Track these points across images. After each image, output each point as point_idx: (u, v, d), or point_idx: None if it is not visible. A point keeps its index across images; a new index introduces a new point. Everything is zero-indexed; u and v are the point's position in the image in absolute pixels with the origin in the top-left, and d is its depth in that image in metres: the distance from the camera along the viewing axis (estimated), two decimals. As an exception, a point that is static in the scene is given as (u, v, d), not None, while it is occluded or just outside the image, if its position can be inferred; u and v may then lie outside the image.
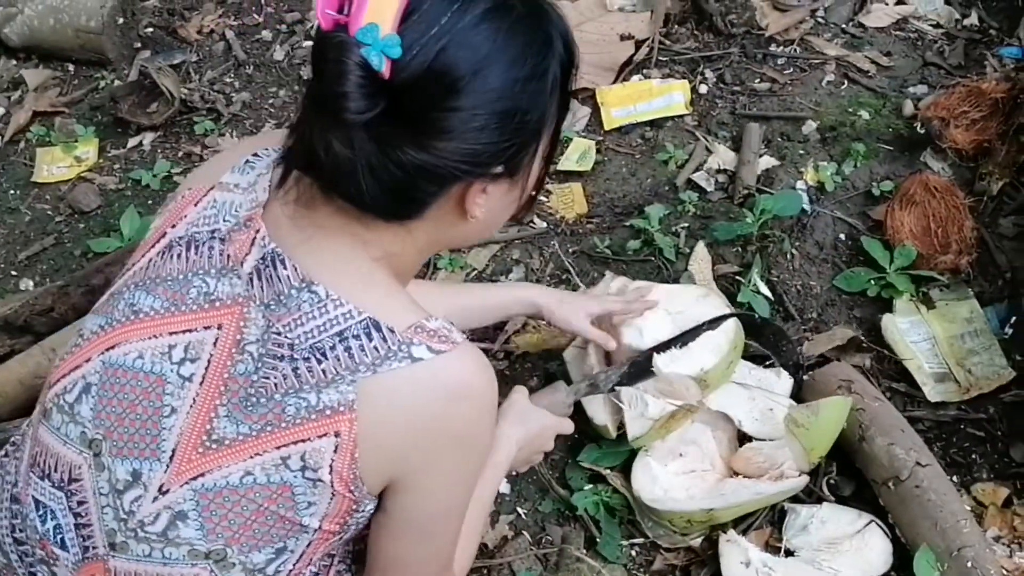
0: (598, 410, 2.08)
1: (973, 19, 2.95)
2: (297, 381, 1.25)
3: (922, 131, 2.54)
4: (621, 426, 2.04)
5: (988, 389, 2.18)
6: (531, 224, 2.58)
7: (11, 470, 1.47)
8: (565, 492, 2.07)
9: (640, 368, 2.03)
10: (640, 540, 2.02)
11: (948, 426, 2.16)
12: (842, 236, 2.45)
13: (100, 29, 3.16)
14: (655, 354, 2.03)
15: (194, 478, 1.27)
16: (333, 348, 1.25)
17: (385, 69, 1.14)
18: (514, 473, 2.08)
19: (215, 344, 1.29)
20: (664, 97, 2.81)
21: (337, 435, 1.24)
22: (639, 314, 2.10)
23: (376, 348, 1.25)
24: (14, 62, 3.32)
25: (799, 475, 1.99)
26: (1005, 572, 1.86)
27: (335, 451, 1.25)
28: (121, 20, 3.25)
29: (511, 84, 1.22)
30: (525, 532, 2.04)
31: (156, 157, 2.95)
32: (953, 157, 2.51)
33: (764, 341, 2.17)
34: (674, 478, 2.04)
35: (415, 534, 1.37)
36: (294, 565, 1.34)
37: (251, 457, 1.26)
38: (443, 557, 1.43)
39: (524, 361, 2.32)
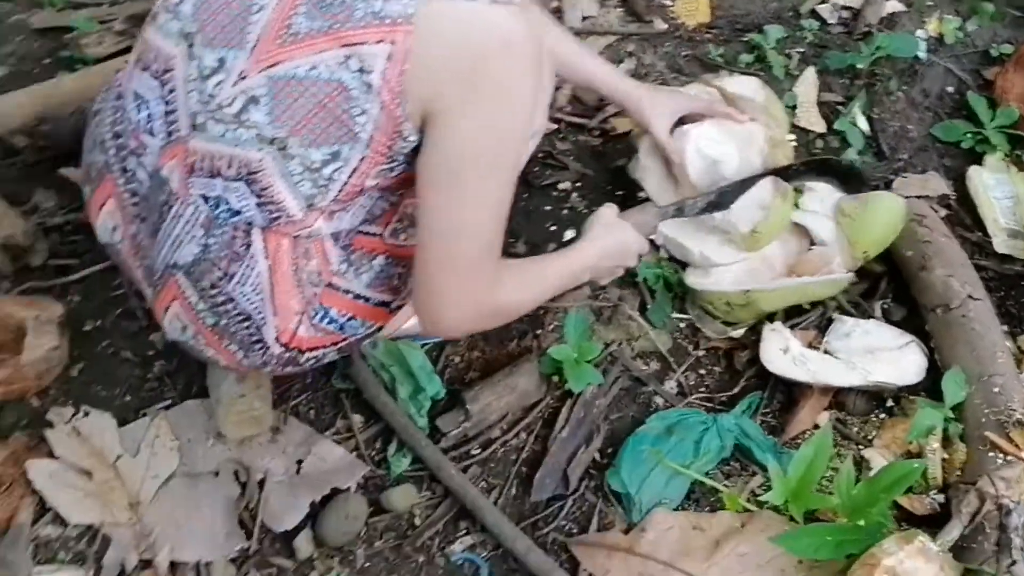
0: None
1: None
2: None
3: (1055, 3, 2.55)
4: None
5: (1057, 252, 2.23)
6: (651, 23, 2.66)
7: (120, 77, 1.67)
8: (630, 261, 2.19)
9: (725, 197, 2.07)
10: (689, 317, 2.14)
11: (1009, 279, 2.21)
12: (950, 89, 2.48)
13: None
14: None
15: (270, 66, 1.43)
16: None
17: None
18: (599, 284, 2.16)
19: None
20: (807, -71, 2.83)
21: (392, 43, 1.38)
22: (720, 115, 2.15)
23: None
24: None
25: (844, 272, 2.06)
26: (1029, 405, 1.93)
27: (388, 59, 1.38)
28: None
29: None
30: (586, 286, 2.16)
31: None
32: (1079, 33, 2.52)
33: (831, 181, 2.14)
34: (728, 274, 2.11)
35: (449, 188, 1.47)
36: (348, 177, 1.49)
37: (319, 52, 1.40)
38: (480, 237, 1.51)
39: (617, 142, 2.42)
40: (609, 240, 1.89)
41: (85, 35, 2.70)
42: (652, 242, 2.17)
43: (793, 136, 2.35)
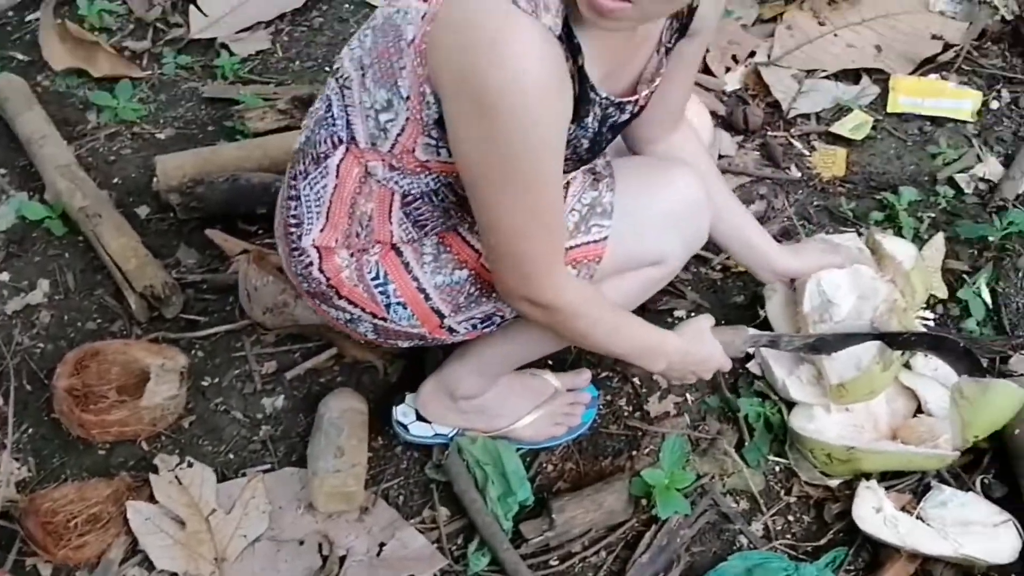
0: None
1: None
2: None
3: None
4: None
5: None
6: (787, 170, 2.72)
7: None
8: (732, 396, 2.21)
9: (825, 345, 2.06)
10: (785, 461, 2.14)
11: (1121, 475, 2.16)
12: (1080, 273, 2.47)
13: None
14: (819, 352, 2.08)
15: (388, 4, 1.56)
16: None
17: None
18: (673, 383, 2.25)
19: None
20: (954, 100, 2.87)
21: (429, 3, 1.46)
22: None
23: None
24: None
25: (951, 450, 2.05)
26: None
27: (422, 18, 1.46)
28: None
29: None
30: (686, 415, 2.20)
31: None
32: None
33: (944, 357, 2.11)
34: (833, 425, 2.12)
35: (472, 191, 1.53)
36: (398, 135, 1.58)
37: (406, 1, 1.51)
38: (520, 239, 1.55)
39: (737, 279, 2.46)
40: (694, 347, 1.92)
41: (250, 109, 2.87)
42: (749, 355, 2.24)
43: (931, 316, 2.37)
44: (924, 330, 2.28)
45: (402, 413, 2.13)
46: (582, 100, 1.55)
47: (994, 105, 2.91)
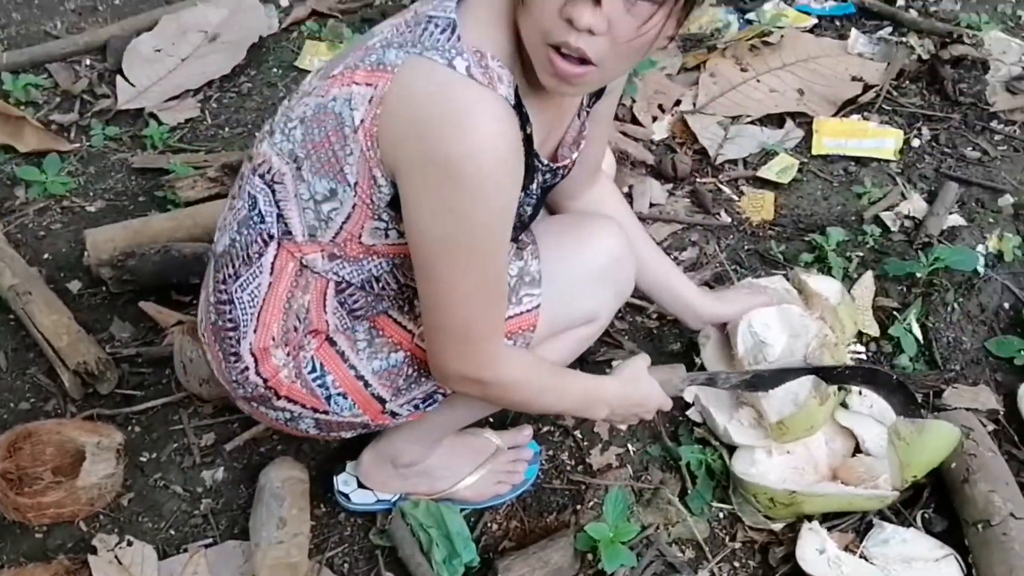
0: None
1: None
2: (399, 37, 1.48)
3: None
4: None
5: (1108, 481, 2.21)
6: (717, 216, 2.76)
7: None
8: (673, 444, 2.22)
9: (761, 381, 2.08)
10: (729, 507, 2.15)
11: (1056, 502, 2.20)
12: (1006, 305, 2.52)
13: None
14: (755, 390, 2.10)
15: (320, 95, 1.54)
16: (420, 24, 1.47)
17: None
18: (619, 426, 2.28)
19: None
20: (877, 140, 2.94)
21: (375, 87, 1.45)
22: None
23: (437, 39, 1.44)
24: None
25: (891, 490, 2.08)
26: (1065, 632, 1.90)
27: (369, 101, 1.46)
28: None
29: None
30: (629, 466, 2.20)
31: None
32: None
33: (877, 391, 2.13)
34: (775, 468, 2.14)
35: (423, 267, 1.54)
36: (344, 222, 1.58)
37: (340, 87, 1.50)
38: (467, 315, 1.56)
39: (673, 326, 2.48)
40: (631, 387, 1.93)
41: (180, 179, 2.86)
42: (689, 403, 2.27)
43: (862, 349, 2.41)
44: (858, 364, 2.31)
45: (343, 482, 2.12)
46: (529, 168, 1.58)
47: (915, 143, 2.99)
